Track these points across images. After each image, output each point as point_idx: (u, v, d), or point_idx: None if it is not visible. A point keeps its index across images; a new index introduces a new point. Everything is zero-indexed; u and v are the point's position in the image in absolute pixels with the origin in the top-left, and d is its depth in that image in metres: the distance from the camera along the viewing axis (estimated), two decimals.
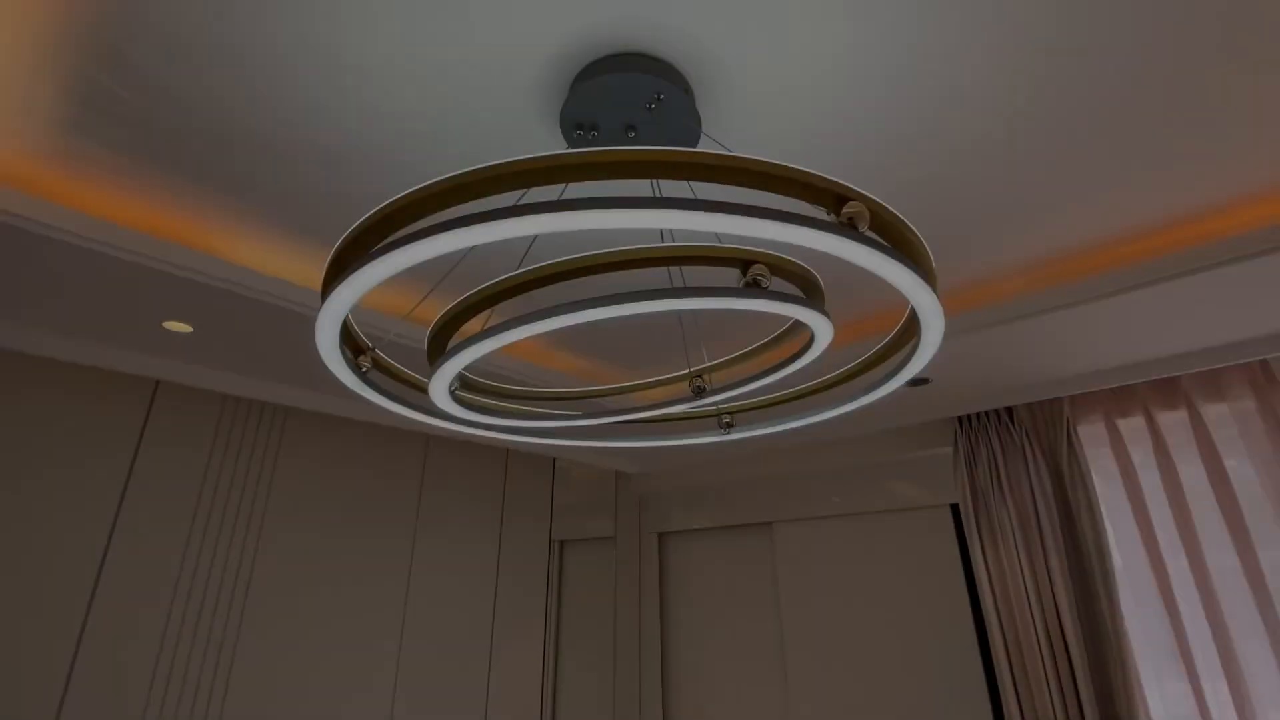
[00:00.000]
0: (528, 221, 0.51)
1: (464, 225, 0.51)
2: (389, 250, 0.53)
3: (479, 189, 0.54)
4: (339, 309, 0.59)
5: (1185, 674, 1.56)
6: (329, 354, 0.66)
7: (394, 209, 0.56)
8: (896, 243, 0.57)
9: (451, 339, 0.81)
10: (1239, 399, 1.63)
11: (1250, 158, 1.01)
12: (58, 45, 0.77)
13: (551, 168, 0.52)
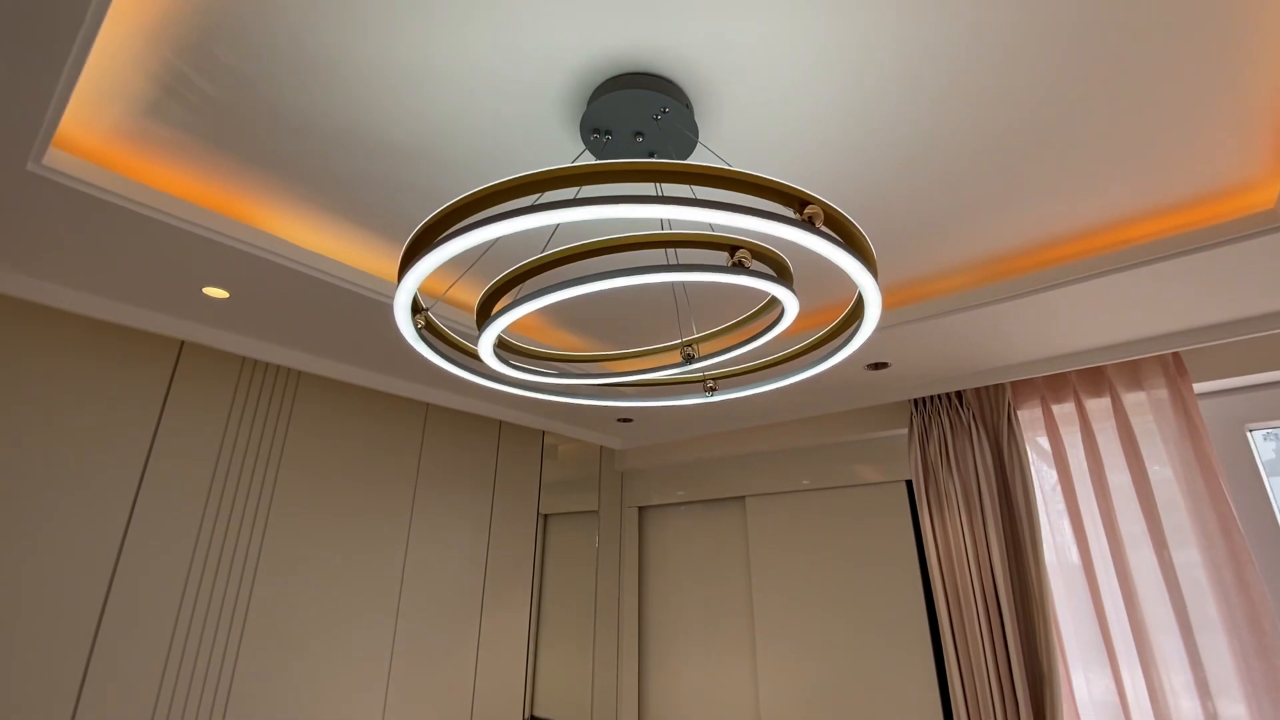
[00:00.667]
0: (570, 212, 0.67)
1: (524, 214, 0.67)
2: (463, 233, 0.70)
3: (537, 188, 0.70)
4: (416, 278, 0.76)
5: (1097, 623, 1.79)
6: (402, 310, 0.82)
7: (470, 200, 0.72)
8: (845, 236, 0.75)
9: (484, 318, 0.97)
10: (1154, 387, 1.86)
11: (1158, 176, 1.21)
12: (154, 40, 0.91)
13: (585, 174, 0.68)
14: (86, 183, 1.09)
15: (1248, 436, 1.85)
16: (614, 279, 0.75)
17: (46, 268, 1.37)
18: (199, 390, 1.81)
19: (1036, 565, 1.84)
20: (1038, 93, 0.99)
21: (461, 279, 1.54)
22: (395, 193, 1.24)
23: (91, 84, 0.97)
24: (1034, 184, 1.22)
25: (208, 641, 1.70)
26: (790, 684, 2.41)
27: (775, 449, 2.69)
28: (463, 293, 1.62)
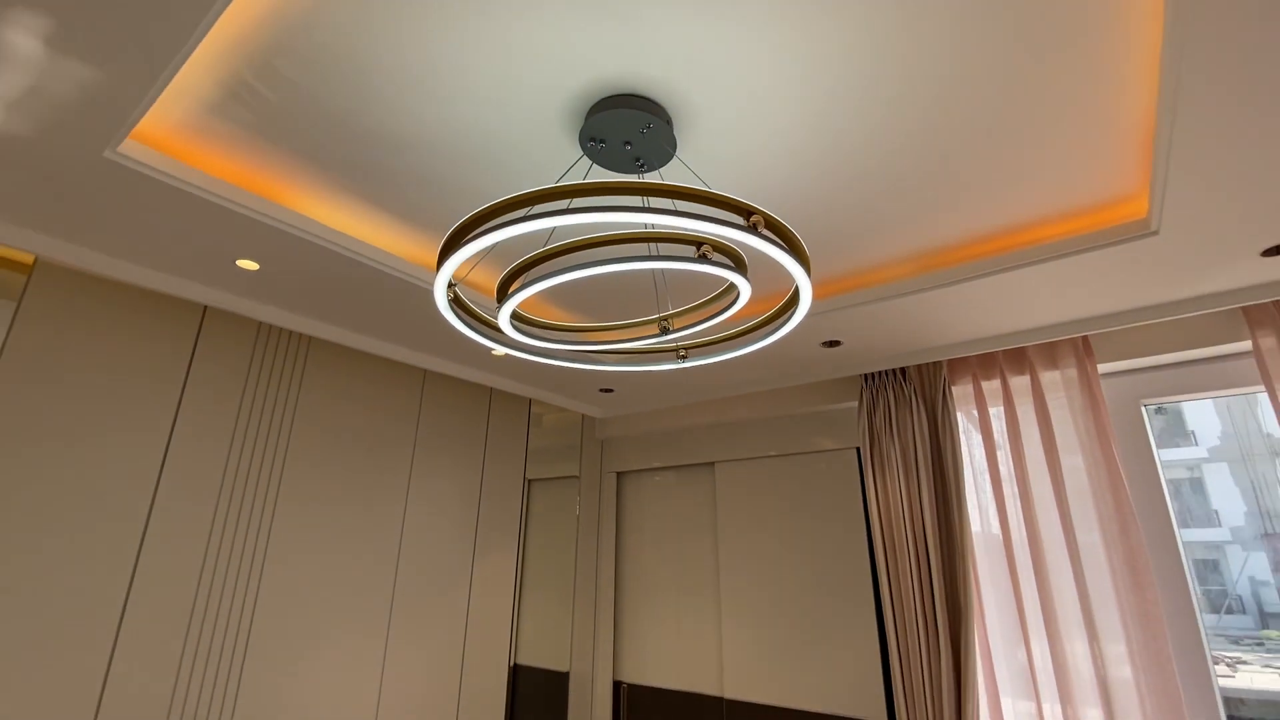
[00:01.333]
0: (578, 216, 0.89)
1: (540, 217, 0.89)
2: (497, 229, 0.91)
3: (553, 197, 0.92)
4: (452, 265, 0.97)
5: (1008, 568, 2.10)
6: (440, 290, 1.03)
7: (499, 206, 0.93)
8: (782, 237, 0.98)
9: (503, 296, 1.19)
10: (1066, 367, 2.15)
11: (1058, 188, 1.46)
12: (228, 53, 1.10)
13: (591, 189, 0.90)
14: (151, 168, 1.27)
15: (1141, 410, 2.15)
16: (607, 266, 0.97)
17: (102, 240, 1.55)
18: (221, 353, 1.99)
19: (960, 518, 2.13)
20: (960, 122, 1.23)
21: (476, 265, 1.74)
22: (416, 183, 1.44)
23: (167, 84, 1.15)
24: (962, 192, 1.46)
25: (230, 585, 1.91)
26: (751, 629, 2.71)
27: (742, 419, 2.96)
28: (474, 275, 1.82)
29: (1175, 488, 12.03)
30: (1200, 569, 13.22)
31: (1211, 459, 11.76)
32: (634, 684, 3.03)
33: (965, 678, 2.01)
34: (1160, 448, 2.14)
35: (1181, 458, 12.50)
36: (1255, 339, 1.87)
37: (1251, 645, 10.97)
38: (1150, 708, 1.80)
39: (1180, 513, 6.94)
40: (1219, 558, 13.16)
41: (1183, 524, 5.98)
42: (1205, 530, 13.01)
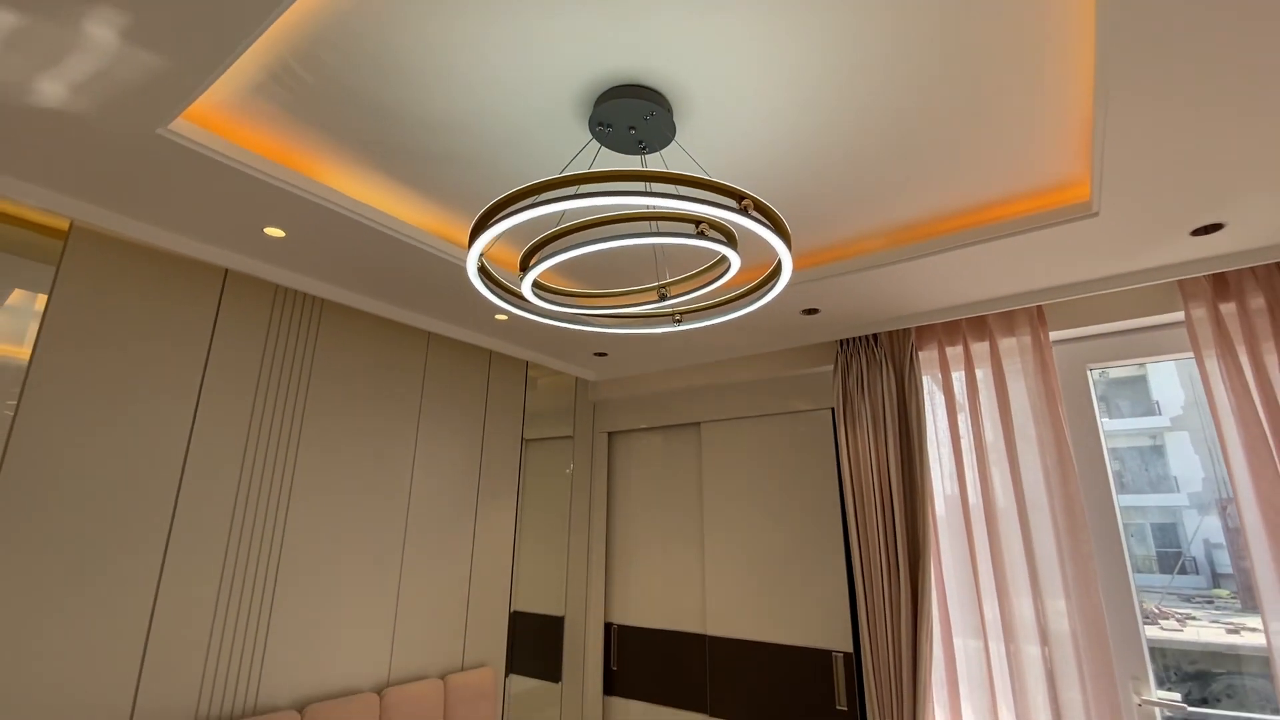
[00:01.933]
0: (591, 200, 1.05)
1: (559, 200, 1.04)
2: (523, 210, 1.07)
3: (571, 183, 1.07)
4: (483, 241, 1.12)
5: (963, 518, 2.34)
6: (473, 259, 1.19)
7: (524, 191, 1.09)
8: (768, 218, 1.15)
9: (524, 267, 1.34)
10: (1022, 334, 2.36)
11: (1014, 172, 1.64)
12: (277, 42, 1.22)
13: (603, 176, 1.06)
14: (196, 143, 1.39)
15: (1087, 374, 2.38)
16: (617, 241, 1.14)
17: (139, 208, 1.66)
18: (242, 314, 2.12)
19: (922, 470, 2.37)
20: (928, 112, 1.39)
21: (497, 241, 1.88)
22: (437, 161, 1.57)
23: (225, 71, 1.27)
24: (930, 173, 1.63)
25: (259, 525, 2.08)
26: (732, 573, 2.95)
27: (727, 383, 3.16)
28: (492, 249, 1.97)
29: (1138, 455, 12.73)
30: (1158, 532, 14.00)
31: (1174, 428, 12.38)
32: (624, 625, 3.29)
33: (921, 612, 2.27)
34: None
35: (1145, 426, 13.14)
36: (1187, 310, 2.09)
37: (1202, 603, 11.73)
38: (1084, 652, 2.05)
39: (1141, 479, 7.42)
40: (1176, 522, 13.94)
41: (1142, 489, 6.45)
42: (1165, 495, 13.75)
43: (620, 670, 3.23)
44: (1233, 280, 2.03)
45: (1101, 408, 8.76)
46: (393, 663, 2.41)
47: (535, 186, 1.10)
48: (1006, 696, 2.18)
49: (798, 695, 2.65)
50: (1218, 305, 2.04)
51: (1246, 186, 1.54)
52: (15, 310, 1.81)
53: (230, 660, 1.96)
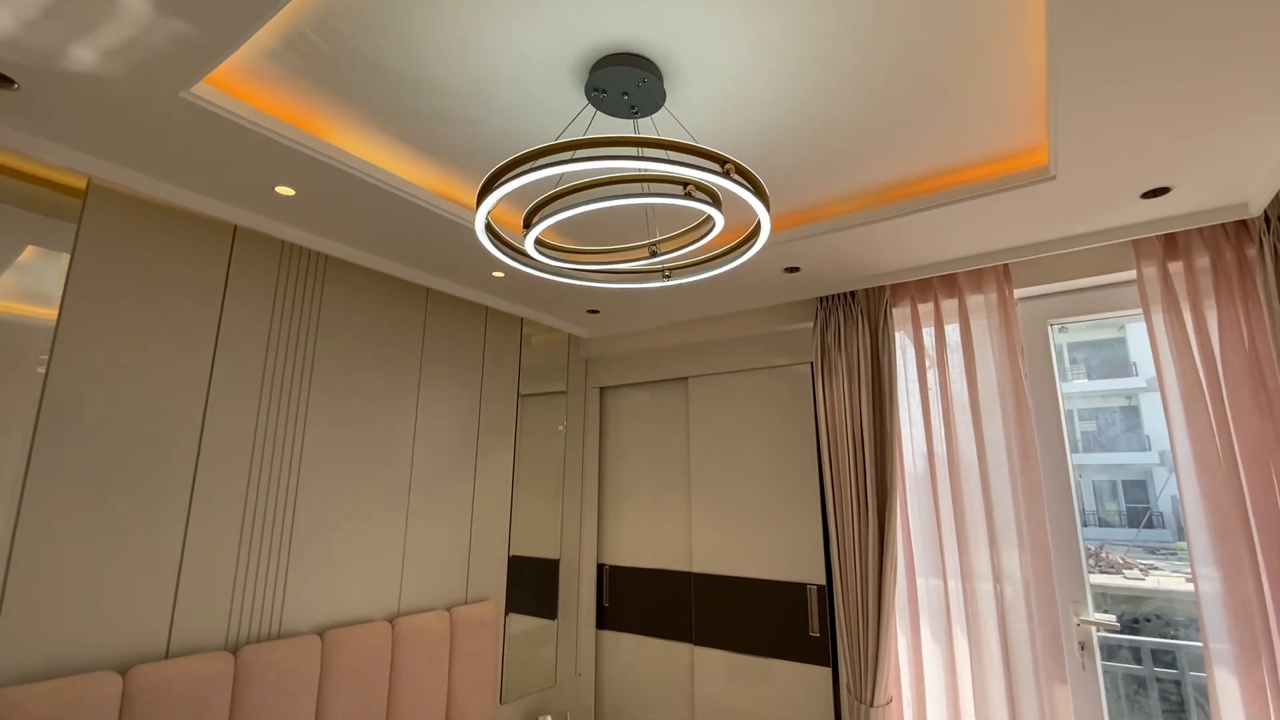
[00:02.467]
0: (588, 164, 1.17)
1: (558, 164, 1.16)
2: (527, 173, 1.19)
3: (570, 148, 1.19)
4: (491, 202, 1.24)
5: (929, 466, 2.54)
6: (481, 218, 1.31)
7: (527, 155, 1.20)
8: (749, 181, 1.27)
9: (527, 225, 1.46)
10: (989, 291, 2.52)
11: (981, 138, 1.76)
12: (294, 10, 1.30)
13: (599, 142, 1.17)
14: (217, 106, 1.48)
15: (1048, 329, 2.55)
16: (612, 202, 1.26)
17: (156, 166, 1.75)
18: (252, 270, 2.23)
19: (891, 418, 2.55)
20: (901, 82, 1.51)
21: (498, 202, 1.99)
22: (443, 123, 1.67)
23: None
24: (903, 140, 1.75)
25: (275, 472, 2.23)
26: (716, 516, 3.17)
27: (713, 339, 3.31)
28: (492, 210, 2.07)
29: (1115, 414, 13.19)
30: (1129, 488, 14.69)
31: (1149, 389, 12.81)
32: (615, 565, 3.52)
33: (887, 549, 2.48)
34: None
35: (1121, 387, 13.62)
36: (1139, 268, 2.25)
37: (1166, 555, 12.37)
38: (1032, 584, 2.28)
39: (1117, 438, 7.95)
40: (1147, 479, 14.58)
41: (1117, 448, 6.97)
42: (1137, 454, 14.37)
43: (612, 607, 3.47)
44: (1181, 241, 2.19)
45: (1081, 369, 9.24)
46: (402, 596, 2.61)
47: (537, 151, 1.21)
48: (961, 622, 2.42)
49: (775, 624, 2.89)
50: (1167, 264, 2.21)
51: (1189, 153, 1.68)
52: (37, 269, 1.90)
53: (254, 590, 2.14)
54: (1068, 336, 13.26)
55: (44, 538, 1.72)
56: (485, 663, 2.77)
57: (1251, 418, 2.01)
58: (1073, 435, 8.02)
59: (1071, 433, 8.18)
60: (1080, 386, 13.38)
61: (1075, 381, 14.50)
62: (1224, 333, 2.08)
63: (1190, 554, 2.07)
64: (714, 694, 3.02)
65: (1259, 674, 1.93)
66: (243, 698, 1.98)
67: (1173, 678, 3.02)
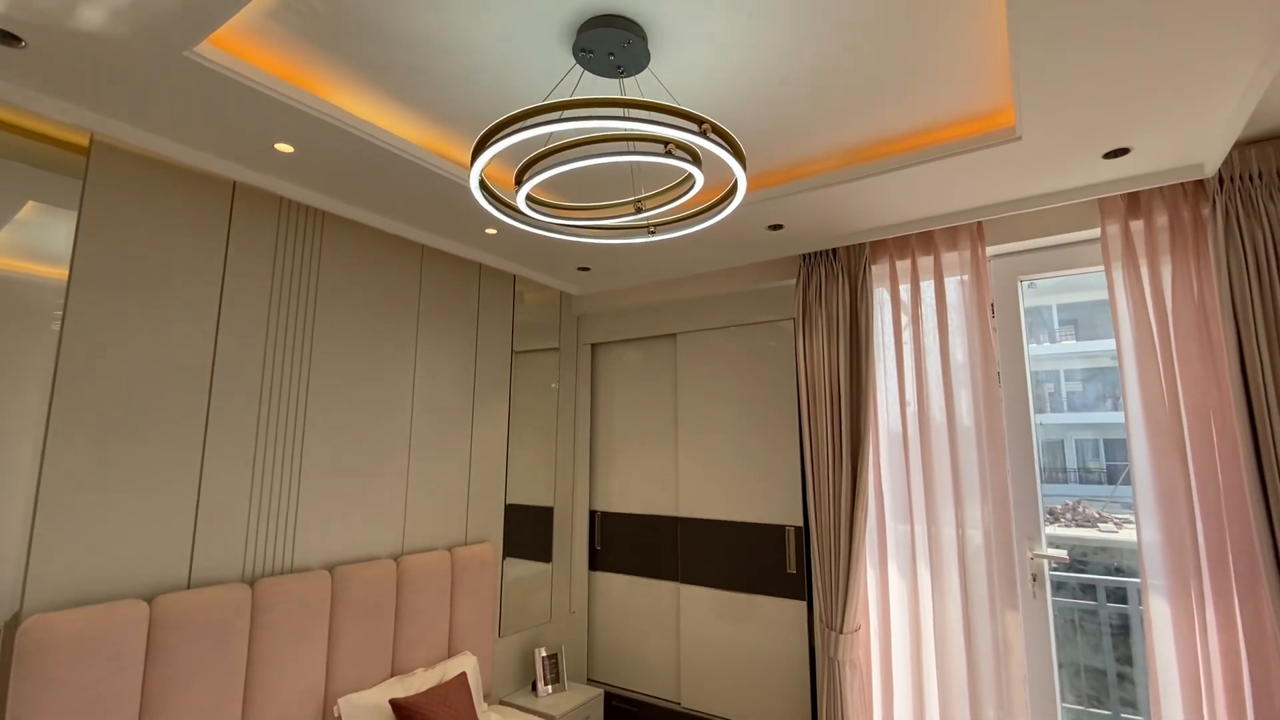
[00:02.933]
0: (576, 123, 1.26)
1: (549, 124, 1.25)
2: (519, 132, 1.27)
3: (560, 109, 1.27)
4: (485, 159, 1.33)
5: (900, 415, 2.70)
6: (475, 175, 1.40)
7: (519, 115, 1.28)
8: (726, 140, 1.36)
9: (519, 182, 1.54)
10: (963, 249, 2.63)
11: (954, 100, 1.84)
12: None
13: (586, 103, 1.26)
14: (219, 65, 1.54)
15: (1018, 285, 2.68)
16: (597, 159, 1.36)
17: (159, 124, 1.81)
18: (253, 225, 2.30)
19: (868, 369, 2.69)
20: (876, 45, 1.59)
21: (490, 160, 2.06)
22: (437, 82, 1.73)
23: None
24: (879, 101, 1.83)
25: (283, 425, 2.35)
26: (701, 464, 3.33)
27: (700, 296, 3.42)
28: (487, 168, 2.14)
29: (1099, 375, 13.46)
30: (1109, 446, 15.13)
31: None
32: (606, 511, 3.70)
33: (858, 492, 2.66)
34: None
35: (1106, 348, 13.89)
36: (1104, 226, 2.37)
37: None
38: (991, 522, 2.45)
39: (1101, 399, 7.95)
40: (1127, 437, 15.20)
41: (1103, 408, 7.03)
42: (1119, 414, 14.82)
43: (603, 549, 3.67)
44: (1144, 200, 2.30)
45: (1071, 331, 9.23)
46: (405, 537, 2.78)
47: (528, 111, 1.30)
48: (925, 558, 2.62)
49: (755, 563, 3.10)
50: (1129, 223, 2.32)
51: (1146, 115, 1.77)
52: (42, 226, 1.97)
53: (267, 529, 2.29)
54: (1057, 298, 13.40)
55: (67, 481, 1.84)
56: (484, 598, 2.96)
57: (1195, 366, 2.16)
58: (1059, 395, 8.25)
59: (1058, 393, 8.41)
60: (1069, 348, 13.77)
61: (1064, 343, 15.03)
62: (1176, 287, 2.21)
63: (1134, 493, 2.25)
64: (698, 627, 3.24)
65: (1188, 602, 2.13)
66: (261, 624, 2.14)
67: (1121, 611, 3.26)
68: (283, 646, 2.18)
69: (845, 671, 2.60)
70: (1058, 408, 8.78)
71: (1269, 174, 2.02)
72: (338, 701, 2.29)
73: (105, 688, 1.76)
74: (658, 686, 3.37)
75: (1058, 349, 9.19)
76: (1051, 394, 8.56)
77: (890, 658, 2.63)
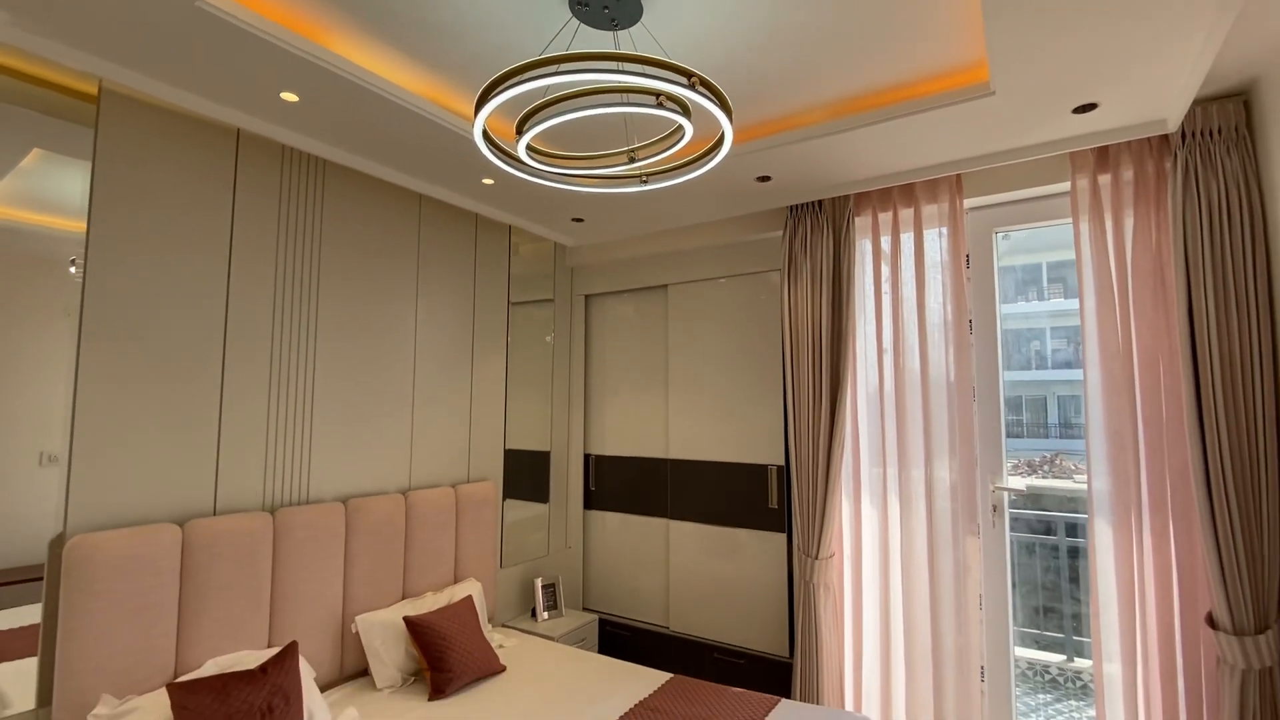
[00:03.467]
0: (572, 77, 1.35)
1: (543, 76, 1.35)
2: (519, 84, 1.37)
3: (558, 62, 1.37)
4: (488, 110, 1.43)
5: (877, 362, 2.86)
6: (479, 125, 1.49)
7: (520, 68, 1.38)
8: (713, 93, 1.47)
9: (519, 132, 1.63)
10: (942, 201, 2.75)
11: (931, 56, 1.93)
12: None
13: (583, 56, 1.35)
14: (230, 15, 1.61)
15: (993, 237, 2.81)
16: (593, 109, 1.46)
17: (168, 72, 1.87)
18: (257, 173, 2.38)
19: (848, 316, 2.84)
20: (861, 4, 1.67)
21: (490, 111, 2.14)
22: (437, 33, 1.80)
23: None
24: (863, 55, 1.92)
25: (292, 368, 2.48)
26: (690, 409, 3.51)
27: (690, 248, 3.53)
28: (466, 109, 2.21)
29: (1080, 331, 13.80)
30: None
31: None
32: (600, 455, 3.90)
33: (835, 432, 2.84)
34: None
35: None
36: (1074, 180, 2.49)
37: None
38: (957, 456, 2.65)
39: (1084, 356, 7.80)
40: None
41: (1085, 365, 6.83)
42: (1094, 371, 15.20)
43: (597, 490, 3.88)
44: (1112, 154, 2.42)
45: (1059, 289, 9.36)
46: (412, 474, 2.95)
47: (530, 64, 1.39)
48: (895, 491, 2.83)
49: (739, 499, 3.31)
50: (1097, 176, 2.44)
51: (1112, 70, 1.88)
52: (50, 174, 2.02)
53: (284, 464, 2.45)
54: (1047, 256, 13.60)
55: (99, 415, 1.98)
56: (486, 532, 3.17)
57: (1149, 311, 2.32)
58: (1044, 352, 8.44)
59: (1043, 349, 8.59)
60: (1056, 305, 13.99)
61: (1052, 301, 15.28)
62: (1137, 238, 2.35)
63: (1086, 428, 2.44)
64: (686, 559, 3.48)
65: (1128, 526, 2.35)
66: (282, 548, 2.33)
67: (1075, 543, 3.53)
68: (302, 569, 2.37)
69: (820, 594, 2.84)
70: (1042, 365, 9.00)
71: (1228, 130, 2.14)
72: (355, 619, 2.50)
73: (147, 599, 1.94)
74: (648, 613, 3.64)
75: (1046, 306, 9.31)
76: (1037, 350, 8.77)
77: (861, 581, 2.87)
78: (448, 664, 2.42)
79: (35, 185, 2.02)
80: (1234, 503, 2.02)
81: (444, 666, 2.41)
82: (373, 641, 2.46)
